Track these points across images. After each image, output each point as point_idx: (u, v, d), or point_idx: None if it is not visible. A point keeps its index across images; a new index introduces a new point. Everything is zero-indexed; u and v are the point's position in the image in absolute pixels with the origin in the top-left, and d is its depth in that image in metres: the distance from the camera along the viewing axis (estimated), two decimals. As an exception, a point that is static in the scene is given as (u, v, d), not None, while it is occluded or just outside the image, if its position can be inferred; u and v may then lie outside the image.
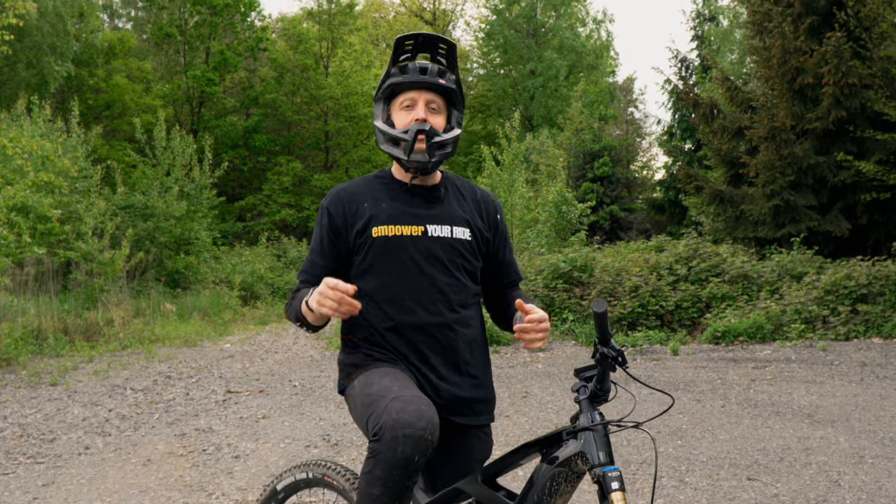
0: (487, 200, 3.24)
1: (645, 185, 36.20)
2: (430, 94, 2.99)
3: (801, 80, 16.42)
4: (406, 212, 3.00)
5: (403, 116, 2.99)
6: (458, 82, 3.04)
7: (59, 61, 26.66)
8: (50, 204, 15.68)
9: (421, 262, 2.95)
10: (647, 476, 5.98)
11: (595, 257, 15.79)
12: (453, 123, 3.07)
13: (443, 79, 2.98)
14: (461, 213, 3.10)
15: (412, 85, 2.97)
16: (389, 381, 2.75)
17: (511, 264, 3.27)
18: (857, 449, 6.53)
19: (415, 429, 2.49)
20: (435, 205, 3.06)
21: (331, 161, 40.20)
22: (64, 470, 6.53)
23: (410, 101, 2.99)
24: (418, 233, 2.97)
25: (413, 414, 2.52)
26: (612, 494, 2.34)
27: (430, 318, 2.93)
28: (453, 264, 3.00)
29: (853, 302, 12.77)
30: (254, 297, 23.52)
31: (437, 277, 2.96)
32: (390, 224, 2.96)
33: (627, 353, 2.50)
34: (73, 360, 12.50)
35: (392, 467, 2.51)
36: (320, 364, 12.42)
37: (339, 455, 6.84)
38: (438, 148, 2.95)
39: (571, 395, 9.13)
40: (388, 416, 2.53)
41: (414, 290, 2.93)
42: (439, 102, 3.02)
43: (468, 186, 3.26)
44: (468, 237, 3.06)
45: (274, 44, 39.54)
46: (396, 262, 2.94)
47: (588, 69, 46.17)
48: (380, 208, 2.99)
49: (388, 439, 2.50)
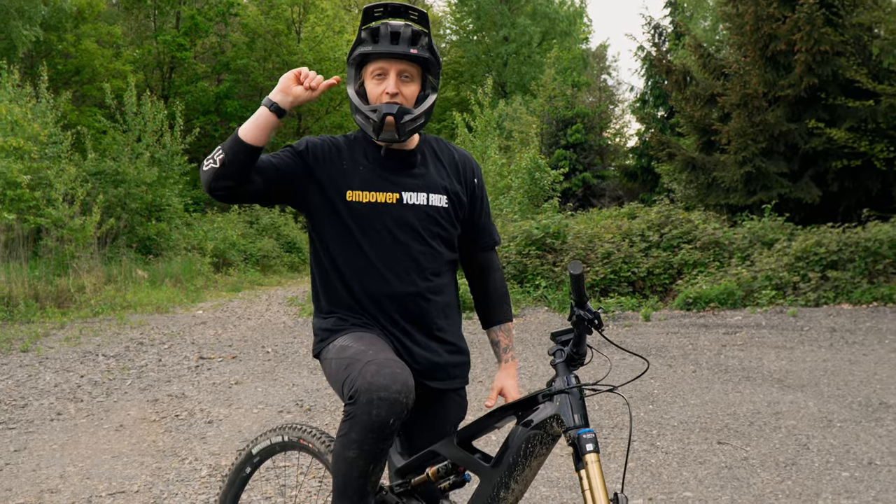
0: (466, 163, 3.18)
1: (617, 153, 36.27)
2: (402, 62, 2.90)
3: (774, 47, 16.46)
4: (382, 177, 2.94)
5: (375, 87, 2.90)
6: (431, 47, 2.93)
7: (27, 25, 26.23)
8: (20, 169, 15.51)
9: (395, 230, 2.90)
10: (619, 440, 6.03)
11: (568, 224, 15.84)
12: (427, 90, 2.97)
13: (414, 46, 2.88)
14: (438, 179, 3.05)
15: (384, 55, 2.88)
16: (364, 344, 2.74)
17: (487, 227, 3.23)
18: (825, 413, 6.60)
19: (390, 391, 2.49)
20: (412, 170, 3.00)
21: (303, 128, 39.98)
22: (36, 435, 6.51)
23: (381, 70, 2.89)
24: (393, 200, 2.92)
25: (388, 377, 2.51)
26: (587, 456, 2.35)
27: (403, 287, 2.91)
28: (428, 232, 2.96)
29: (823, 268, 12.88)
30: (226, 263, 23.45)
31: (410, 246, 2.92)
32: (365, 189, 2.91)
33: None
34: (44, 326, 12.43)
35: (367, 430, 2.51)
36: (293, 330, 12.42)
37: (313, 420, 6.86)
38: (411, 121, 2.87)
39: (545, 360, 9.19)
40: (363, 379, 2.53)
41: (387, 258, 2.89)
42: (413, 70, 2.92)
43: (446, 149, 3.19)
44: (445, 204, 3.01)
45: (245, 9, 39.14)
46: (369, 230, 2.89)
47: (561, 36, 46.00)
48: (356, 171, 2.94)
49: (363, 402, 2.50)
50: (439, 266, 3.02)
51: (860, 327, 10.65)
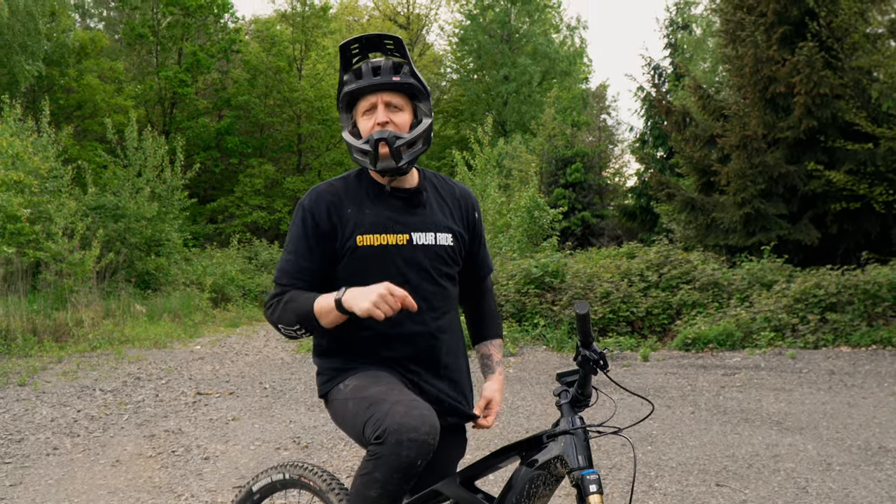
0: (466, 199, 3.22)
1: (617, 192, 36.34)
2: (388, 93, 2.92)
3: (773, 89, 16.53)
4: (390, 218, 2.96)
5: (366, 122, 2.94)
6: (414, 74, 2.96)
7: (29, 60, 26.40)
8: (20, 203, 15.55)
9: (406, 272, 2.93)
10: (616, 481, 6.00)
11: (566, 263, 15.83)
12: (420, 117, 3.00)
13: (397, 75, 2.91)
14: (443, 217, 3.08)
15: (367, 89, 2.91)
16: (385, 385, 2.76)
17: (484, 258, 3.30)
18: (824, 456, 6.58)
19: (419, 433, 2.51)
20: (417, 209, 3.03)
21: (303, 164, 40.08)
22: (32, 470, 6.48)
23: (370, 105, 2.93)
24: (403, 241, 2.94)
25: (417, 419, 2.54)
26: (590, 497, 2.35)
27: (415, 328, 2.93)
28: (437, 272, 3.00)
29: (822, 310, 12.86)
30: (225, 299, 23.42)
31: (421, 286, 2.95)
32: (375, 233, 2.92)
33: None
34: (41, 360, 12.40)
35: (393, 470, 2.52)
36: (291, 366, 12.39)
37: (310, 457, 6.83)
38: (408, 147, 2.90)
39: (544, 400, 9.17)
40: (391, 419, 2.54)
41: None
42: (400, 100, 2.95)
43: (446, 185, 3.22)
44: (451, 243, 3.06)
45: (247, 45, 39.37)
46: (382, 272, 2.88)
47: (561, 75, 46.21)
48: (363, 214, 2.95)
49: (392, 443, 2.51)
50: (448, 304, 3.07)
51: (859, 370, 10.63)
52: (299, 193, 36.43)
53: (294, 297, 2.87)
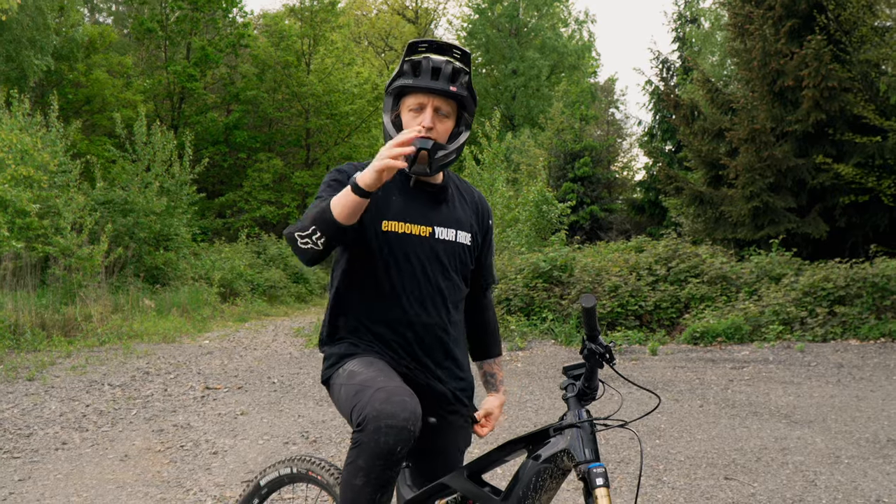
0: (483, 203, 3.26)
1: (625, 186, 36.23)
2: (441, 99, 2.92)
3: (782, 82, 16.52)
4: (415, 209, 2.99)
5: (411, 119, 2.93)
6: (469, 86, 2.96)
7: (38, 55, 26.41)
8: (28, 198, 15.57)
9: (426, 263, 2.96)
10: (625, 475, 6.00)
11: (575, 257, 15.84)
12: (461, 127, 3.01)
13: (454, 84, 2.90)
14: (464, 216, 3.12)
15: (422, 89, 2.90)
16: (374, 371, 2.77)
17: (490, 267, 3.31)
18: (833, 449, 6.57)
19: (397, 419, 2.52)
20: (441, 206, 3.06)
21: (311, 158, 40.03)
22: (40, 465, 6.49)
23: (419, 104, 2.92)
24: (426, 233, 2.97)
25: (397, 405, 2.55)
26: (597, 490, 2.35)
27: (428, 319, 2.96)
28: (453, 267, 3.04)
29: (831, 304, 12.85)
30: (233, 293, 23.42)
31: (438, 279, 2.98)
32: (399, 220, 2.94)
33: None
34: (50, 355, 12.42)
35: (374, 457, 2.53)
36: (299, 361, 12.40)
37: (318, 452, 6.84)
38: (443, 157, 2.91)
39: (552, 394, 9.17)
40: (371, 406, 2.56)
41: (415, 288, 2.94)
42: (449, 107, 2.95)
43: (467, 187, 3.26)
44: (468, 242, 3.10)
45: (255, 40, 39.27)
46: (401, 259, 2.93)
47: (570, 69, 46.19)
48: (390, 200, 2.97)
49: (371, 430, 2.52)
50: (459, 301, 3.11)
51: (868, 363, 10.61)
52: (308, 188, 36.43)
53: (309, 207, 2.84)
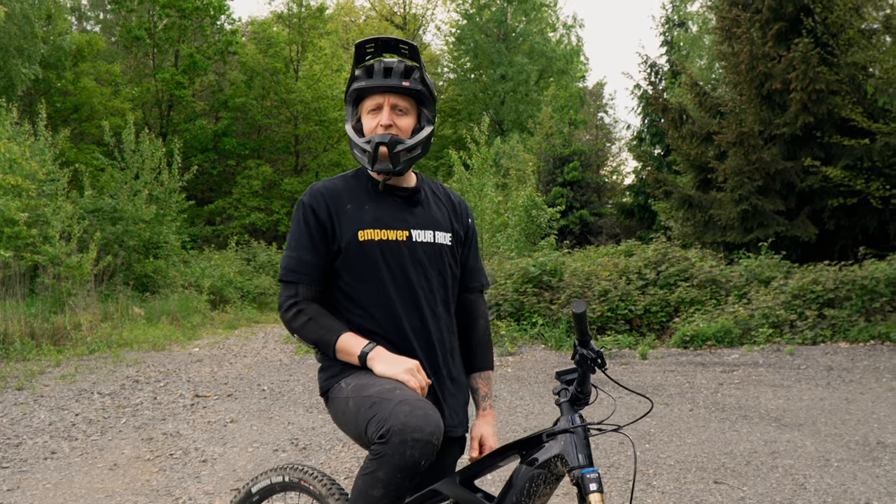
0: (461, 204, 3.26)
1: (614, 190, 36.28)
2: (396, 96, 2.95)
3: (769, 85, 16.57)
4: (390, 215, 2.98)
5: (370, 121, 2.96)
6: (424, 80, 2.98)
7: (26, 64, 26.34)
8: (17, 207, 15.52)
9: (407, 268, 2.95)
10: (615, 480, 6.00)
11: (564, 262, 15.85)
12: (423, 122, 3.02)
13: (407, 80, 2.94)
14: (441, 217, 3.11)
15: (376, 89, 2.94)
16: (388, 383, 2.74)
17: (476, 270, 3.28)
18: (823, 452, 6.57)
19: (423, 433, 2.51)
20: (416, 208, 3.05)
21: (301, 165, 40.05)
22: (29, 475, 6.46)
23: (377, 104, 2.95)
24: (403, 237, 2.96)
25: (422, 418, 2.53)
26: (591, 496, 2.35)
27: (414, 323, 2.94)
28: (436, 270, 3.02)
29: (820, 306, 12.88)
30: (223, 301, 23.39)
31: (421, 283, 2.97)
32: (375, 228, 2.94)
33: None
34: (39, 364, 12.37)
35: (396, 470, 2.52)
36: (289, 368, 12.38)
37: (308, 459, 6.82)
38: (407, 152, 2.92)
39: (543, 399, 9.16)
40: (395, 419, 2.54)
41: (399, 295, 2.93)
42: (406, 104, 2.97)
43: (442, 190, 3.26)
44: (449, 242, 3.08)
45: (244, 47, 39.28)
46: (383, 267, 2.92)
47: (558, 74, 46.24)
48: (363, 211, 2.97)
49: (395, 442, 2.50)
50: (446, 304, 3.08)
51: (857, 366, 10.64)
52: (297, 195, 36.35)
53: (318, 316, 2.91)
